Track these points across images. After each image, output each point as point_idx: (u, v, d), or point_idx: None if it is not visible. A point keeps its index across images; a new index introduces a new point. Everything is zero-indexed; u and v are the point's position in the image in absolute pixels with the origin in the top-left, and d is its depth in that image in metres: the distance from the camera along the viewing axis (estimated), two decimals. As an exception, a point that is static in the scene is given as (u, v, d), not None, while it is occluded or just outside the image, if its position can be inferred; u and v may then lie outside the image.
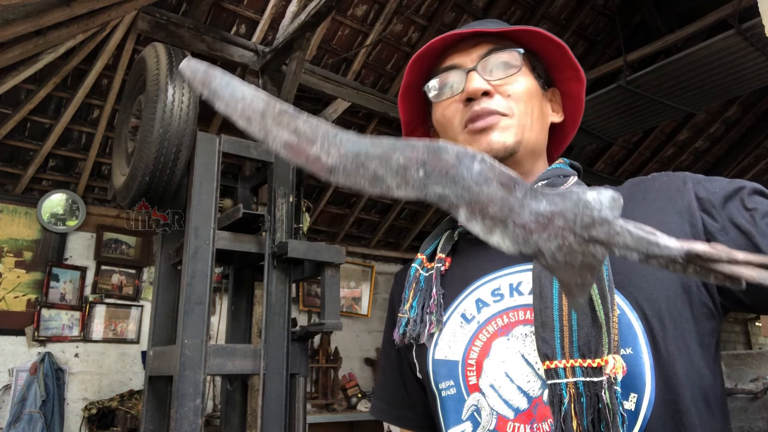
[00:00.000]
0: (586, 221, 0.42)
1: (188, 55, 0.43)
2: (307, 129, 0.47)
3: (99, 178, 4.72)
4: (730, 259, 0.39)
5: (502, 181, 0.45)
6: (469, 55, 0.77)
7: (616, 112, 4.72)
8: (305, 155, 0.47)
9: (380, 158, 0.46)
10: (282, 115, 0.48)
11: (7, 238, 4.29)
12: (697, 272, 0.40)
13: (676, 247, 0.40)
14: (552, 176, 0.77)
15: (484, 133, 0.74)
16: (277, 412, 2.56)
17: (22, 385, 3.97)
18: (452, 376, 0.72)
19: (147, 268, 4.84)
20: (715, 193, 0.66)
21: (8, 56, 3.37)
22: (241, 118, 0.48)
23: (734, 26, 3.63)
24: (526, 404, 0.65)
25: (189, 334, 2.43)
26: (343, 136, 0.47)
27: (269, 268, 2.72)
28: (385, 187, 0.46)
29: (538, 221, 0.43)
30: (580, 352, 0.60)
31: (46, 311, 4.30)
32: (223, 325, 3.80)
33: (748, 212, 0.63)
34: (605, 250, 0.42)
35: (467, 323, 0.72)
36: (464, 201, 0.45)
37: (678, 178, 0.71)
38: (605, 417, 0.57)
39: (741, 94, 5.05)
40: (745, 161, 7.69)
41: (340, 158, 0.47)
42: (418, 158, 0.46)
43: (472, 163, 0.45)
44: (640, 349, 0.62)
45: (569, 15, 5.22)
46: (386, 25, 4.56)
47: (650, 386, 0.60)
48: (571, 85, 0.83)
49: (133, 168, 2.72)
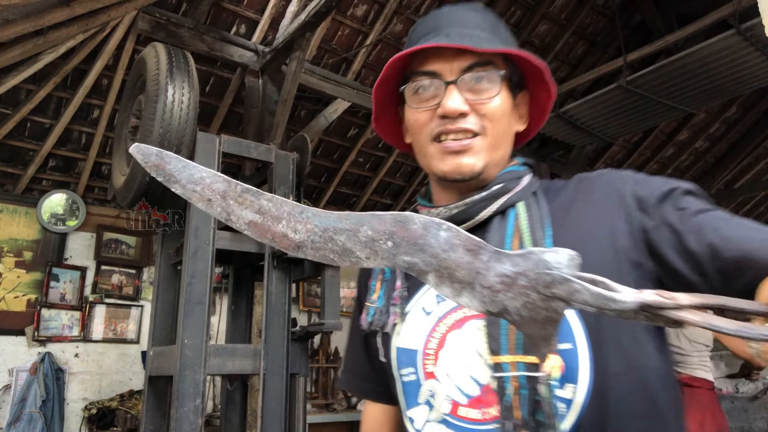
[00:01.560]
0: (547, 280, 0.45)
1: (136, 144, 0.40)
2: (272, 207, 0.48)
3: (99, 178, 4.72)
4: (676, 305, 0.43)
5: (467, 247, 0.47)
6: (450, 63, 0.77)
7: (616, 112, 4.71)
8: (271, 233, 0.48)
9: (348, 232, 0.47)
10: (244, 195, 0.48)
11: (7, 238, 4.29)
12: (647, 318, 0.44)
13: (631, 301, 0.44)
14: (506, 180, 0.79)
15: (455, 154, 0.76)
16: (277, 412, 2.56)
17: (22, 385, 3.97)
18: (412, 363, 0.78)
19: (147, 268, 4.84)
20: (652, 193, 0.71)
21: (8, 56, 3.37)
22: (201, 200, 0.48)
23: (734, 26, 3.63)
24: (477, 391, 0.71)
25: (189, 334, 2.43)
26: (309, 213, 0.48)
27: (269, 268, 2.72)
28: (354, 258, 0.48)
29: (503, 282, 0.46)
30: (523, 349, 0.66)
31: (46, 311, 4.30)
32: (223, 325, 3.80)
33: (679, 212, 0.68)
34: (565, 305, 0.45)
35: (427, 316, 0.78)
36: (432, 267, 0.47)
37: (620, 178, 0.76)
38: (543, 408, 0.63)
39: (741, 94, 5.05)
40: (745, 161, 7.69)
41: (307, 234, 0.47)
42: (385, 230, 0.47)
43: (439, 231, 0.47)
44: (578, 343, 0.67)
45: (569, 15, 5.21)
46: (386, 25, 4.56)
47: (588, 377, 0.66)
48: (541, 95, 0.84)
49: (133, 168, 2.72)
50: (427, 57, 0.78)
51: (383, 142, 5.51)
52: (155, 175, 0.49)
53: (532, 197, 0.78)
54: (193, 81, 2.74)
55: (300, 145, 3.05)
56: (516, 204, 0.77)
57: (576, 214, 0.75)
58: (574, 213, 0.75)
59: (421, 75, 0.78)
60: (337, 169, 5.59)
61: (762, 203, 8.73)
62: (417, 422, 0.77)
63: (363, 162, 5.71)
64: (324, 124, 4.69)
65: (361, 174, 5.86)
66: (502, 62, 0.79)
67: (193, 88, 2.72)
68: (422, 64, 0.78)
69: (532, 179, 0.82)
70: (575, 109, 4.66)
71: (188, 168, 0.48)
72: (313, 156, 4.73)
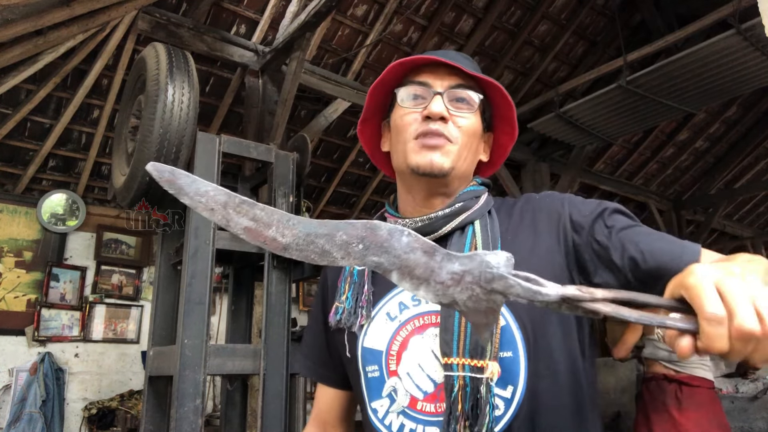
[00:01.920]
0: (488, 277, 0.55)
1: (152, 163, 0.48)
2: (264, 216, 0.57)
3: (99, 178, 4.72)
4: (591, 298, 0.53)
5: (425, 249, 0.56)
6: (441, 79, 0.90)
7: (616, 112, 4.71)
8: (263, 237, 0.56)
9: (327, 236, 0.56)
10: (242, 206, 0.57)
11: (7, 238, 4.29)
12: (569, 309, 0.54)
13: (554, 294, 0.53)
14: (466, 199, 0.91)
15: (431, 149, 0.88)
16: (277, 412, 2.56)
17: (22, 385, 3.97)
18: (377, 362, 0.88)
19: (147, 268, 4.84)
20: (586, 216, 0.84)
21: (8, 56, 3.37)
22: (205, 210, 0.57)
23: (734, 26, 3.62)
24: (433, 388, 0.83)
25: (189, 334, 2.43)
26: (295, 220, 0.57)
27: (269, 268, 2.72)
28: (331, 258, 0.56)
29: (452, 278, 0.55)
30: (470, 354, 0.78)
31: (46, 311, 4.30)
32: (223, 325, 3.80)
33: (608, 229, 0.81)
34: (503, 297, 0.55)
35: (390, 321, 0.88)
36: (396, 266, 0.56)
37: (560, 201, 0.89)
38: (480, 405, 0.75)
39: (741, 94, 5.05)
40: (745, 161, 7.69)
41: (293, 238, 0.56)
42: (358, 235, 0.57)
43: (401, 236, 0.56)
44: (518, 352, 0.80)
45: (569, 15, 5.21)
46: (386, 25, 4.56)
47: (523, 380, 0.79)
48: (504, 138, 1.00)
49: (133, 168, 2.72)
50: (423, 71, 0.92)
51: (383, 142, 5.51)
52: (168, 188, 0.58)
53: (488, 216, 0.91)
54: (193, 81, 2.74)
55: (300, 145, 3.05)
56: (474, 222, 0.89)
57: (522, 235, 0.88)
58: (520, 234, 0.89)
59: (414, 83, 0.92)
60: (337, 169, 5.59)
61: (762, 203, 8.73)
62: (379, 413, 0.87)
63: (363, 162, 5.71)
64: (324, 124, 4.69)
65: (361, 174, 5.86)
66: (481, 100, 0.93)
67: (193, 88, 2.72)
68: (417, 76, 0.92)
69: (488, 198, 0.94)
70: (575, 109, 4.66)
71: (196, 183, 0.57)
72: (313, 156, 4.73)
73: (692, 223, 8.11)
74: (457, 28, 4.88)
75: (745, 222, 8.86)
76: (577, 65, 5.65)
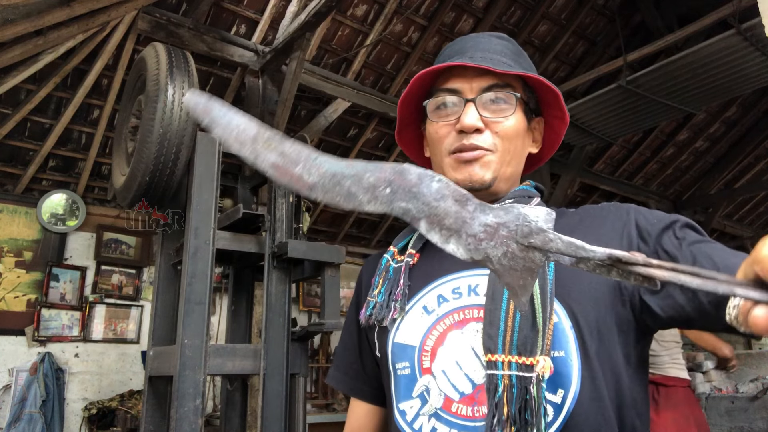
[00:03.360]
0: (525, 231, 0.49)
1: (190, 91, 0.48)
2: (292, 152, 0.54)
3: (99, 178, 4.72)
4: (645, 262, 0.46)
5: (456, 198, 0.52)
6: (471, 83, 0.83)
7: (616, 112, 4.71)
8: (289, 174, 0.54)
9: (354, 177, 0.53)
10: (271, 140, 0.55)
11: (7, 238, 4.29)
12: (620, 274, 0.47)
13: (600, 251, 0.47)
14: (518, 197, 0.85)
15: (468, 164, 0.82)
16: (277, 412, 2.56)
17: (22, 385, 3.97)
18: (408, 358, 0.81)
19: (147, 268, 4.84)
20: (654, 224, 0.76)
21: (8, 56, 3.37)
22: (236, 142, 0.55)
23: (734, 26, 3.62)
24: (471, 389, 0.75)
25: (189, 334, 2.43)
26: (322, 159, 0.54)
27: (269, 268, 2.72)
28: (357, 202, 0.53)
29: (486, 231, 0.50)
30: (518, 350, 0.70)
31: (46, 311, 4.30)
32: (223, 325, 3.80)
33: (678, 240, 0.73)
34: (542, 255, 0.49)
35: (427, 314, 0.81)
36: (424, 214, 0.52)
37: (622, 209, 0.82)
38: (531, 407, 0.67)
39: (741, 94, 5.05)
40: (745, 161, 7.69)
41: (319, 177, 0.54)
42: (385, 178, 0.53)
43: (431, 182, 0.53)
44: (570, 352, 0.72)
45: (569, 15, 5.21)
46: (386, 25, 4.56)
47: (576, 384, 0.71)
48: (555, 122, 0.91)
49: (133, 168, 2.72)
50: (450, 76, 0.85)
51: (383, 142, 5.51)
52: (202, 119, 0.56)
53: None
54: (193, 81, 2.74)
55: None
56: None
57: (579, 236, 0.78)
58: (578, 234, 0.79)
59: (443, 92, 0.85)
60: (337, 169, 5.58)
61: (762, 203, 8.73)
62: (408, 415, 0.80)
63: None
64: (324, 124, 4.69)
65: (361, 174, 5.85)
66: (520, 87, 0.85)
67: (194, 88, 2.72)
68: (445, 82, 0.85)
69: (541, 202, 0.87)
70: (575, 109, 4.66)
71: (228, 115, 0.56)
72: (313, 156, 4.72)
73: (692, 223, 8.11)
74: (457, 28, 4.87)
75: (745, 222, 8.86)
76: (577, 65, 5.65)
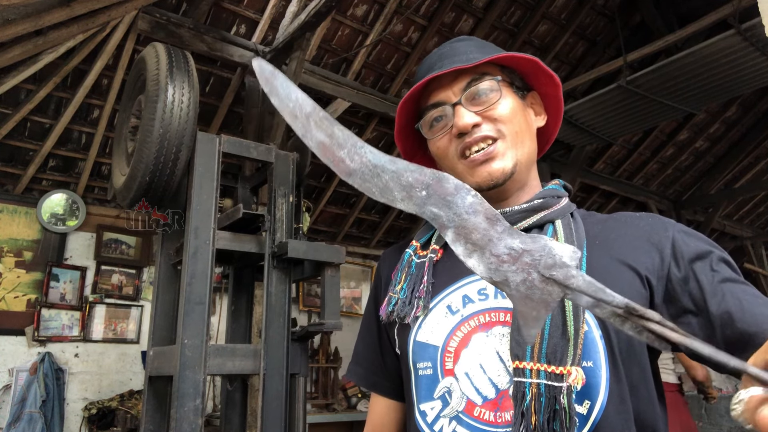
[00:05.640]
0: (549, 263, 0.49)
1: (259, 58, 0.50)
2: (340, 135, 0.56)
3: (99, 178, 4.72)
4: (661, 321, 0.46)
5: (488, 216, 0.53)
6: (451, 88, 0.84)
7: (616, 112, 4.71)
8: (333, 156, 0.56)
9: (394, 173, 0.55)
10: (323, 121, 0.57)
11: (7, 238, 4.29)
12: (633, 328, 0.46)
13: (619, 298, 0.46)
14: (547, 196, 0.84)
15: (483, 164, 0.81)
16: (277, 412, 2.56)
17: (22, 385, 3.97)
18: (430, 358, 0.79)
19: (147, 268, 4.84)
20: (691, 247, 0.74)
21: (8, 56, 3.37)
22: (290, 115, 0.58)
23: (734, 26, 3.62)
24: (494, 394, 0.73)
25: (189, 334, 2.43)
26: (368, 149, 0.56)
27: (269, 268, 2.72)
28: (391, 197, 0.55)
29: (510, 254, 0.51)
30: (547, 359, 0.68)
31: (46, 311, 4.30)
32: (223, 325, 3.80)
33: (712, 273, 0.71)
34: (561, 291, 0.49)
35: (452, 314, 0.80)
36: (454, 224, 0.53)
37: (661, 223, 0.80)
38: (560, 417, 0.65)
39: (741, 94, 5.05)
40: (745, 161, 7.69)
41: (361, 165, 0.55)
42: (424, 181, 0.54)
43: (467, 194, 0.54)
44: (599, 363, 0.70)
45: (569, 15, 5.21)
46: (386, 25, 4.55)
47: (603, 396, 0.69)
48: (548, 88, 0.91)
49: (133, 168, 2.72)
50: (430, 92, 0.86)
51: (384, 142, 5.51)
52: (263, 86, 0.59)
53: (570, 217, 0.82)
54: (193, 81, 2.74)
55: (300, 145, 3.05)
56: (554, 221, 0.81)
57: (611, 243, 0.79)
58: (610, 242, 0.79)
59: (429, 109, 0.86)
60: (337, 169, 5.58)
61: (762, 203, 8.73)
62: (429, 416, 0.78)
63: (363, 162, 5.70)
64: (324, 124, 4.69)
65: (361, 174, 5.84)
66: (498, 71, 0.85)
67: (193, 88, 2.72)
68: (428, 100, 0.86)
69: (570, 202, 0.86)
70: (575, 109, 4.66)
71: (288, 87, 0.58)
72: (313, 156, 4.73)
73: (692, 223, 8.11)
74: (457, 28, 4.87)
75: (745, 222, 8.86)
76: (577, 65, 5.65)
